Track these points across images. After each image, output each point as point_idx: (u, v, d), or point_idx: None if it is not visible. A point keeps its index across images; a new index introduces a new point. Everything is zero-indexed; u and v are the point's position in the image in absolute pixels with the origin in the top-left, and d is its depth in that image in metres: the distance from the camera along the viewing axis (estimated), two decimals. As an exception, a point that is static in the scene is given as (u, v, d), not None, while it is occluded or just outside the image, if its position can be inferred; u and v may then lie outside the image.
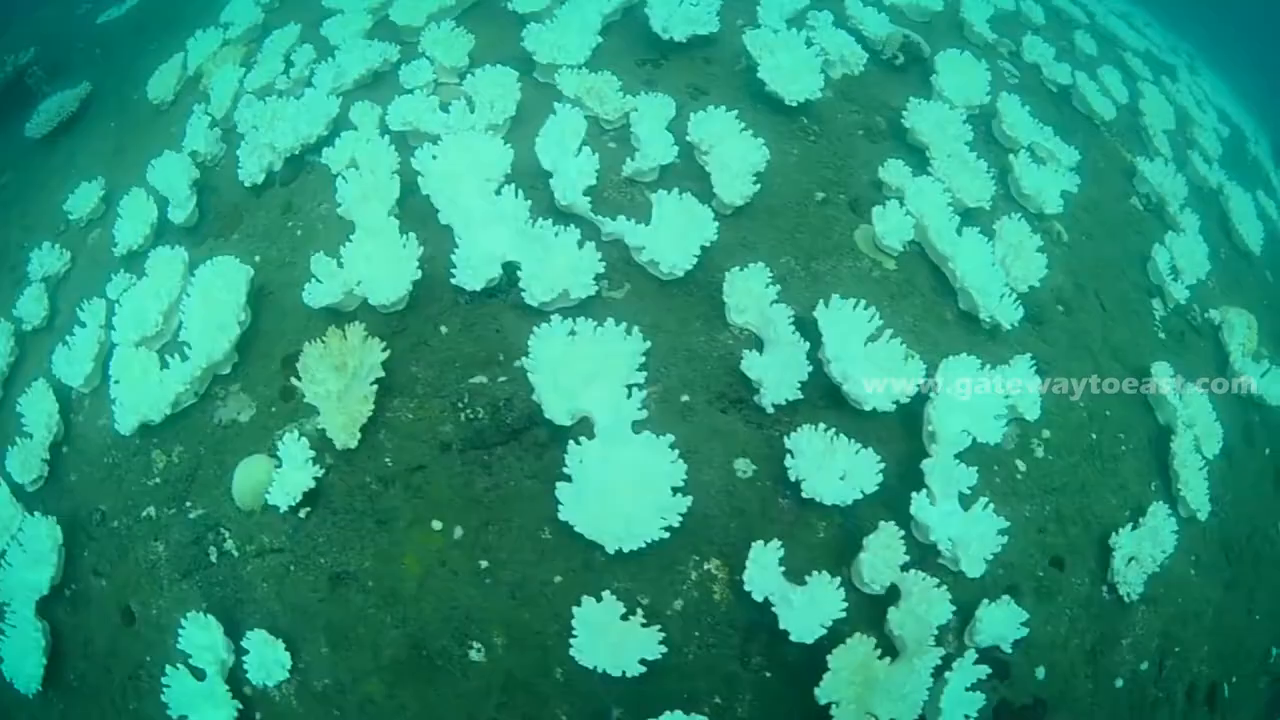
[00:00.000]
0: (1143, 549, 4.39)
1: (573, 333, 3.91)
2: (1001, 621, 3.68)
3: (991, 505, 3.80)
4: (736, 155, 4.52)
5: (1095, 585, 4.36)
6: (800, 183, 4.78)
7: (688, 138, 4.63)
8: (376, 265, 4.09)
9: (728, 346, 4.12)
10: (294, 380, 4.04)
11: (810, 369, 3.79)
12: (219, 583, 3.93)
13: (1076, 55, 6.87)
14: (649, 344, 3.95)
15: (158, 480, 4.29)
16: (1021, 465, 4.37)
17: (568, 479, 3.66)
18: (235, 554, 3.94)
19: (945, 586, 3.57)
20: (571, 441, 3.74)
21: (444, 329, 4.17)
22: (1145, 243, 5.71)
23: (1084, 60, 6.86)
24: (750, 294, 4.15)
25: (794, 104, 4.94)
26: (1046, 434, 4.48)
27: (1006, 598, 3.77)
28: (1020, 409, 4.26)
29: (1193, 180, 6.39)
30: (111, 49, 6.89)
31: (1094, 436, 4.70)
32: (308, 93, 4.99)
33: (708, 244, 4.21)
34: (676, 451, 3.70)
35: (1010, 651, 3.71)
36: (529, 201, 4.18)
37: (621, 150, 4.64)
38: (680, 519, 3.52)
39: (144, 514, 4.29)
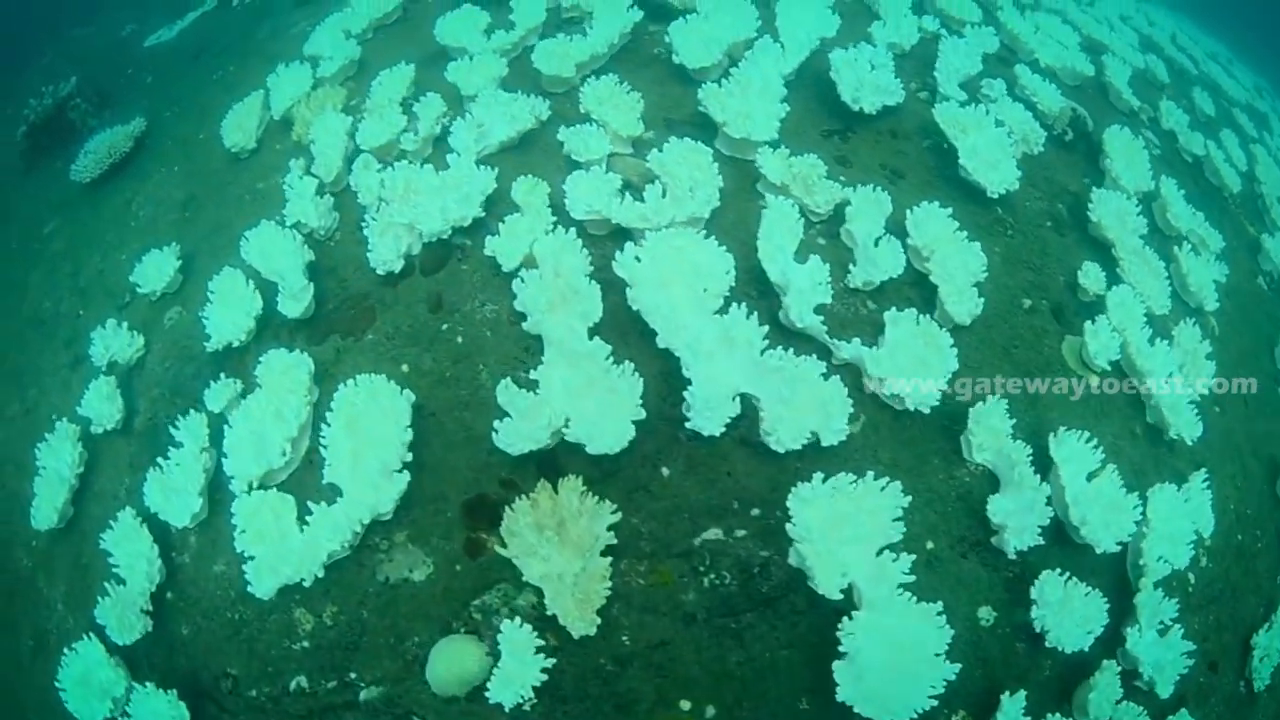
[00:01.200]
0: (1273, 645, 4.57)
1: (834, 491, 3.36)
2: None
3: (1181, 628, 3.91)
4: (959, 265, 4.15)
5: (1236, 681, 4.48)
6: (1008, 287, 4.46)
7: (909, 241, 4.18)
8: (585, 401, 3.45)
9: (965, 484, 3.85)
10: (484, 536, 3.38)
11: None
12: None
13: (1197, 115, 6.78)
14: (909, 498, 3.55)
15: (305, 644, 3.56)
16: (1192, 579, 4.36)
17: (841, 656, 3.27)
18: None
19: (1145, 712, 3.76)
20: (845, 618, 3.35)
21: (666, 471, 3.63)
22: (1275, 326, 5.67)
23: (1204, 120, 6.78)
24: (991, 431, 3.84)
25: (995, 196, 4.58)
26: (1209, 543, 4.45)
27: (1184, 711, 3.99)
28: (1200, 528, 4.28)
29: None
30: (166, 77, 5.87)
31: (1240, 538, 4.69)
32: (450, 159, 4.17)
33: (951, 374, 3.85)
34: (944, 616, 3.41)
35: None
36: (762, 326, 3.72)
37: (831, 248, 4.21)
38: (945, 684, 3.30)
39: (293, 684, 3.51)
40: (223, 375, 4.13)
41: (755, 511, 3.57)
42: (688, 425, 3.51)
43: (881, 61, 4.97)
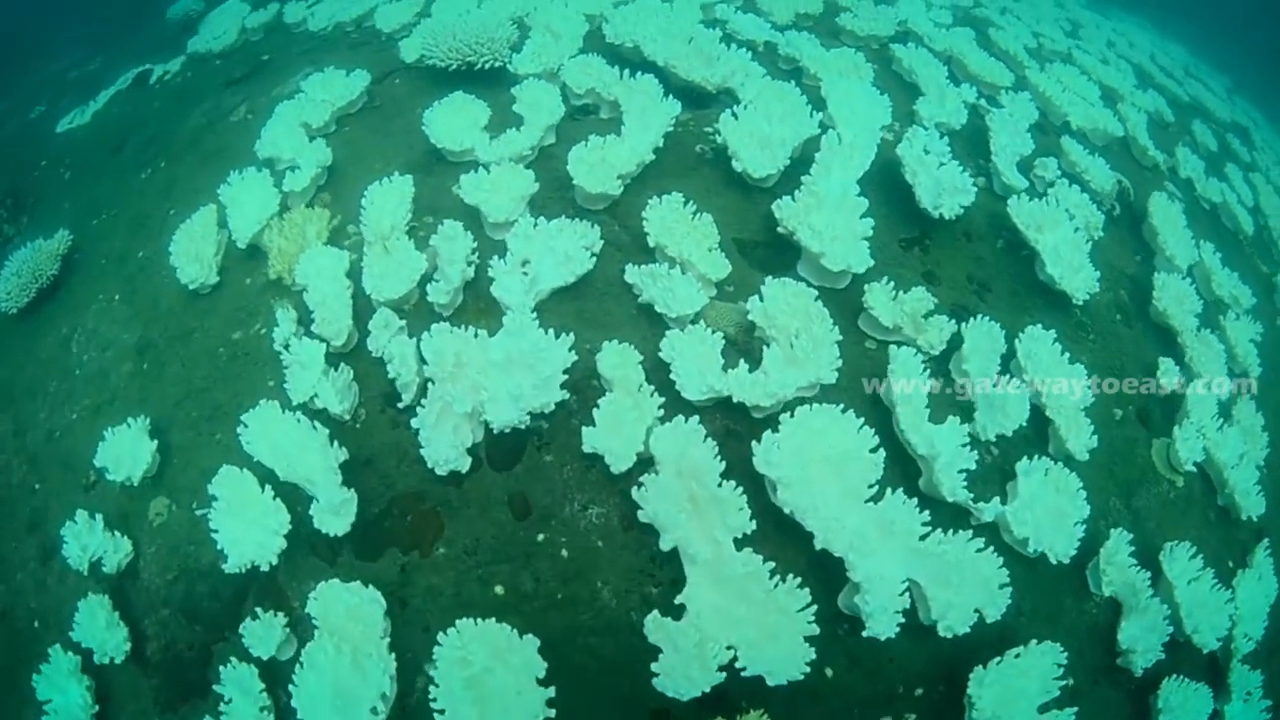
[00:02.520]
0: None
1: (1009, 668, 3.30)
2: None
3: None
4: (1071, 398, 4.00)
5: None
6: (1101, 400, 4.28)
7: (1025, 377, 3.99)
8: (747, 626, 3.17)
9: (1093, 616, 3.86)
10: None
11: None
12: None
13: (1202, 152, 6.85)
14: (1065, 653, 3.44)
15: None
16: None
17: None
18: None
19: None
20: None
21: (829, 671, 3.34)
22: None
23: (1207, 156, 6.85)
24: (1119, 565, 3.81)
25: (1080, 302, 4.41)
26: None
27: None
28: (1270, 596, 4.42)
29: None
30: (85, 173, 4.94)
31: None
32: (506, 320, 3.54)
33: (1083, 521, 3.72)
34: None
35: None
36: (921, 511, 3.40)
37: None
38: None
39: None
40: (257, 608, 3.39)
41: (919, 691, 3.38)
42: (865, 634, 3.20)
43: (941, 150, 4.62)
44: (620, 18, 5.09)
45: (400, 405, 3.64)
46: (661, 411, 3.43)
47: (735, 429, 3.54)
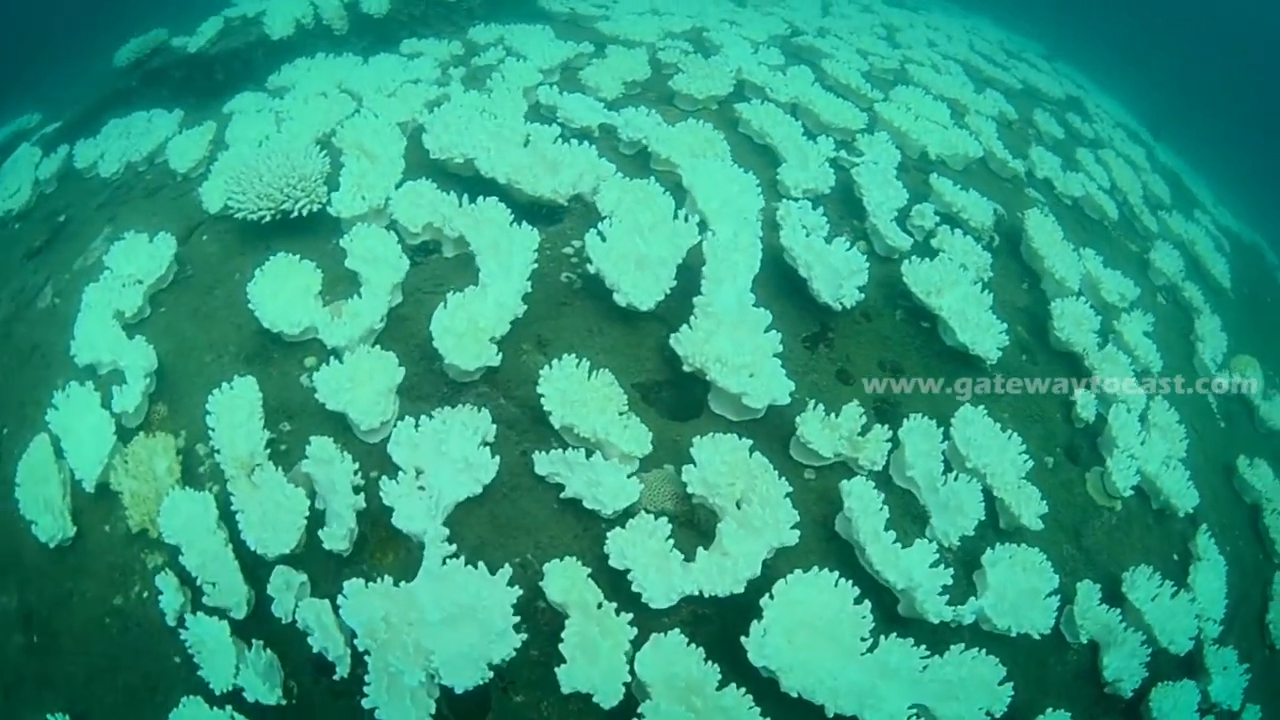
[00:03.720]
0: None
1: None
2: None
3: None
4: (1011, 468, 3.95)
5: (1263, 650, 4.89)
6: (1033, 455, 4.15)
7: (969, 465, 3.91)
8: None
9: (1074, 663, 3.97)
10: None
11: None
12: None
13: (1052, 144, 6.99)
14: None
15: None
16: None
17: None
18: None
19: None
20: None
21: None
22: (1187, 342, 5.98)
23: (1056, 145, 7.01)
24: (1092, 613, 3.93)
25: (994, 361, 4.32)
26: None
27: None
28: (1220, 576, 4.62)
29: (1175, 241, 6.84)
30: None
31: (1229, 548, 4.95)
32: (425, 561, 3.19)
33: (1055, 591, 3.73)
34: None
35: None
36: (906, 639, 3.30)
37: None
38: None
39: None
40: None
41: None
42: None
43: (818, 223, 4.50)
44: (441, 126, 4.67)
45: (336, 677, 3.17)
46: (634, 631, 3.09)
47: (703, 612, 3.28)
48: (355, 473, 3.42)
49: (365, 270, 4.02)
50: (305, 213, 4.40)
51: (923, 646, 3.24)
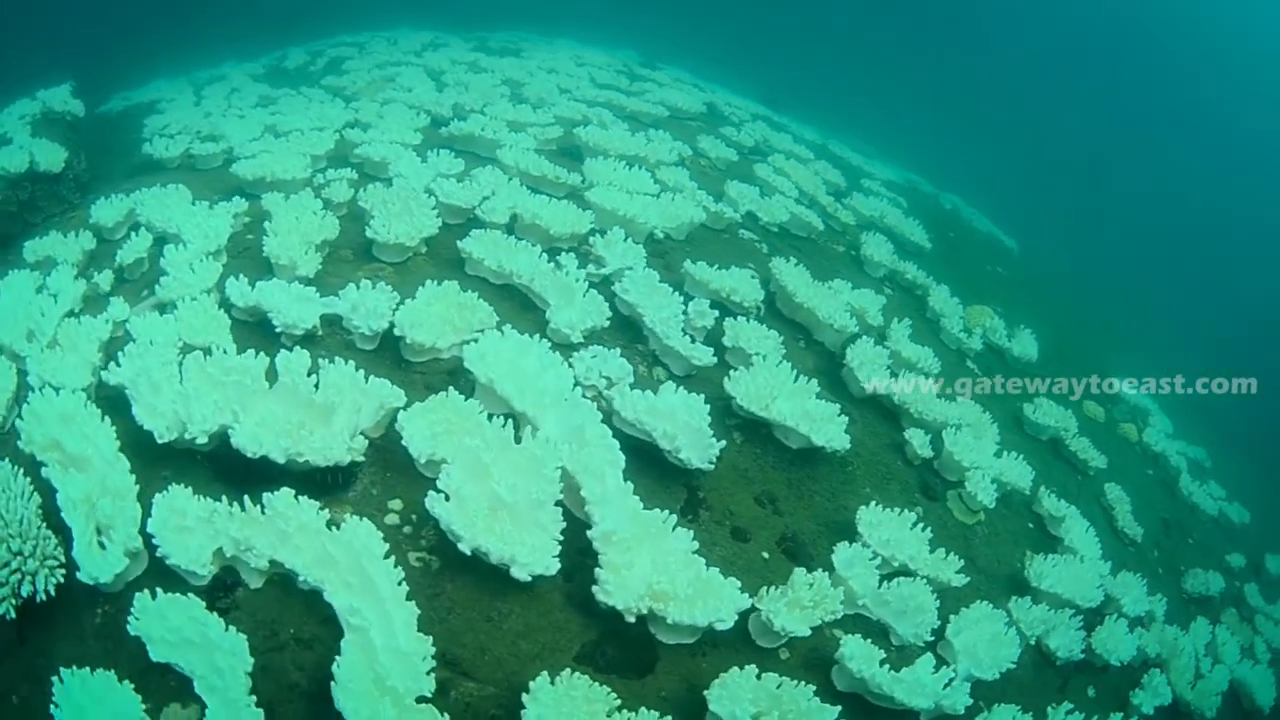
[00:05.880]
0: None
1: None
2: None
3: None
4: (920, 543, 4.05)
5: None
6: (906, 508, 4.25)
7: (896, 561, 3.95)
8: None
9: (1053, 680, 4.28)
10: None
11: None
12: None
13: (720, 167, 7.20)
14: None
15: None
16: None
17: None
18: None
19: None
20: None
21: None
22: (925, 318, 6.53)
23: (730, 169, 7.20)
24: (1029, 622, 4.37)
25: (841, 449, 4.25)
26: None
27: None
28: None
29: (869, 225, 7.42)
30: None
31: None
32: None
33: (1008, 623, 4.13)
34: None
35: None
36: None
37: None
38: None
39: None
40: None
41: None
42: None
43: (620, 369, 4.12)
44: (150, 392, 3.49)
45: None
46: None
47: None
48: None
49: (194, 666, 2.80)
50: (52, 589, 3.00)
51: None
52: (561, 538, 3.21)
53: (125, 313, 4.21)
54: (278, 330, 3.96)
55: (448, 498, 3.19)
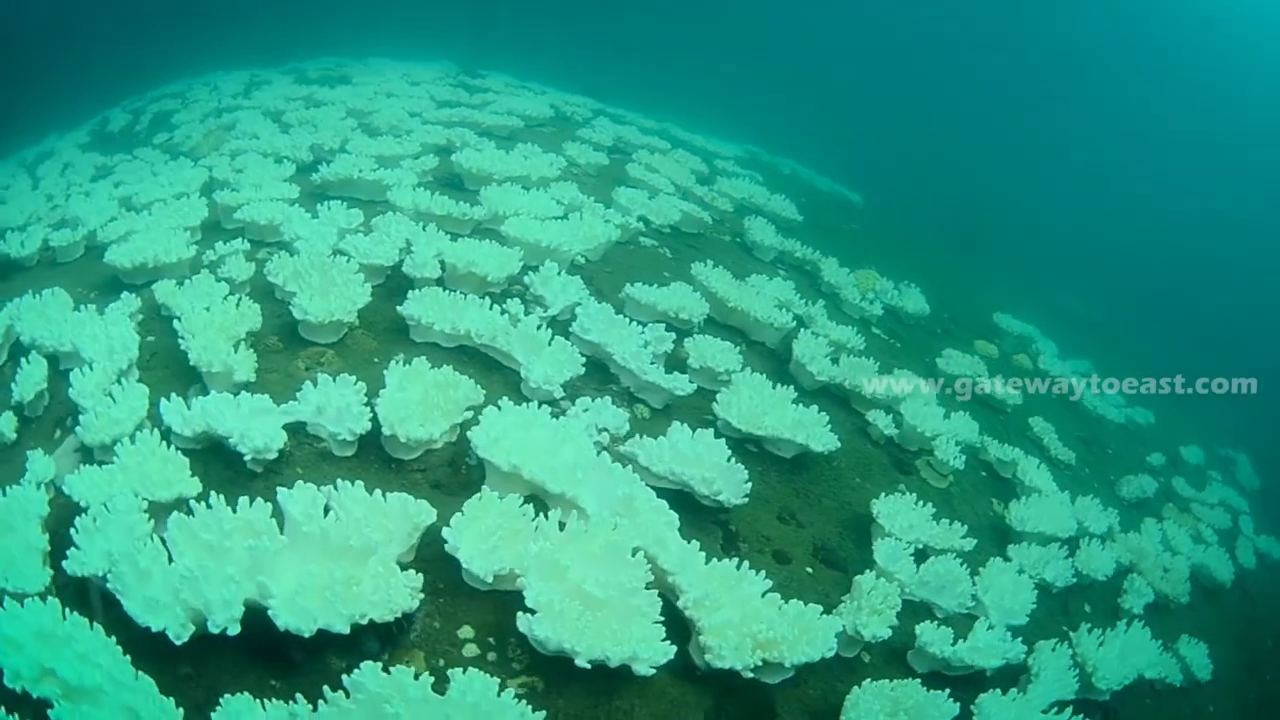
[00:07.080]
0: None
1: None
2: None
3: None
4: (929, 521, 4.33)
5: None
6: (892, 491, 4.52)
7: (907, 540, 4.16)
8: None
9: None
10: None
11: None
12: None
13: (592, 171, 7.16)
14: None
15: None
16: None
17: None
18: None
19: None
20: None
21: None
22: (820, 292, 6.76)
23: (605, 174, 7.20)
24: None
25: (830, 449, 4.42)
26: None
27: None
28: None
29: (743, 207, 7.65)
30: None
31: None
32: None
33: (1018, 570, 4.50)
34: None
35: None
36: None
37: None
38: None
39: None
40: None
41: None
42: None
43: (620, 423, 4.10)
44: (137, 580, 2.93)
45: None
46: None
47: None
48: None
49: None
50: None
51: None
52: (662, 618, 3.08)
53: (50, 469, 3.47)
54: (245, 458, 3.45)
55: (534, 612, 2.93)
